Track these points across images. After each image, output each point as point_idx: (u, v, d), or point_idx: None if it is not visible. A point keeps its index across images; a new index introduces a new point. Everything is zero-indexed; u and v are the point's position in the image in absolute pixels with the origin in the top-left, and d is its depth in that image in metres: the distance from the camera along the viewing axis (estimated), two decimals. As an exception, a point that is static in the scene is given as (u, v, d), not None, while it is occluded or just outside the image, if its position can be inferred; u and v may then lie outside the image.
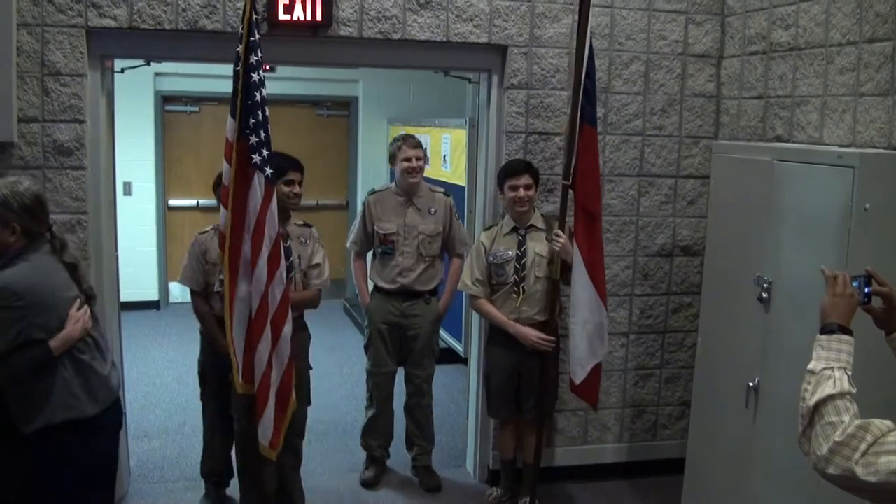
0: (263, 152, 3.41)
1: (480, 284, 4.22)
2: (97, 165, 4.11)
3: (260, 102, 3.40)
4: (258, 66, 3.41)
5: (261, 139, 3.40)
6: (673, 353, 4.92)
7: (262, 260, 3.42)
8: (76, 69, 3.96)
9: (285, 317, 3.51)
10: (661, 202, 4.75)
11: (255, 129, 3.39)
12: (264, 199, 3.41)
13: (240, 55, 3.40)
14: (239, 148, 3.40)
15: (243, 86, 3.40)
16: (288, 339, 3.54)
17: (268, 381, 3.50)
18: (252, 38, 3.39)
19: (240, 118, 3.40)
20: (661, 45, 4.60)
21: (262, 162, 3.40)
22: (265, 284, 3.43)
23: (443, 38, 4.32)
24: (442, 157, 7.11)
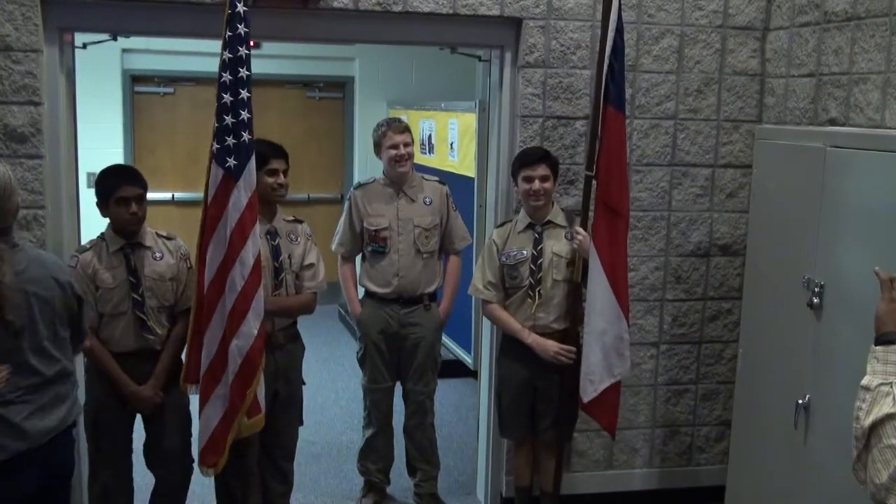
0: (227, 140, 3.42)
1: (493, 288, 4.19)
2: (56, 154, 4.07)
3: (228, 84, 3.42)
4: (237, 41, 3.42)
5: (223, 125, 3.42)
6: (710, 366, 4.88)
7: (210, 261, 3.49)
8: (30, 44, 3.91)
9: (234, 330, 3.53)
10: (696, 195, 4.72)
11: (219, 113, 3.42)
12: (217, 194, 3.45)
13: None
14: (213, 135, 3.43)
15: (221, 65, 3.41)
16: (236, 354, 3.55)
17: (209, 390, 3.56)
18: (229, 11, 3.40)
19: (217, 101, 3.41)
20: (697, 16, 4.56)
21: (220, 151, 3.42)
22: (207, 289, 3.50)
23: (449, 10, 4.29)
24: (448, 145, 7.08)
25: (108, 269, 3.69)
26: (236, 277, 3.50)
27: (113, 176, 3.76)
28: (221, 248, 3.47)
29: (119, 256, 3.72)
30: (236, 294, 3.51)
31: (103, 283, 3.68)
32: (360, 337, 4.70)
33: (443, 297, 4.73)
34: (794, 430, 3.69)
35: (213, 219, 3.45)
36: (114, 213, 3.69)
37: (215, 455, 3.60)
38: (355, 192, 4.65)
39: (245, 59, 3.45)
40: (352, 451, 5.10)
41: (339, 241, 4.67)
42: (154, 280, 3.76)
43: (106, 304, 3.69)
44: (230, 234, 3.46)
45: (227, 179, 3.42)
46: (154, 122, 8.68)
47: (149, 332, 3.73)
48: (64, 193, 4.15)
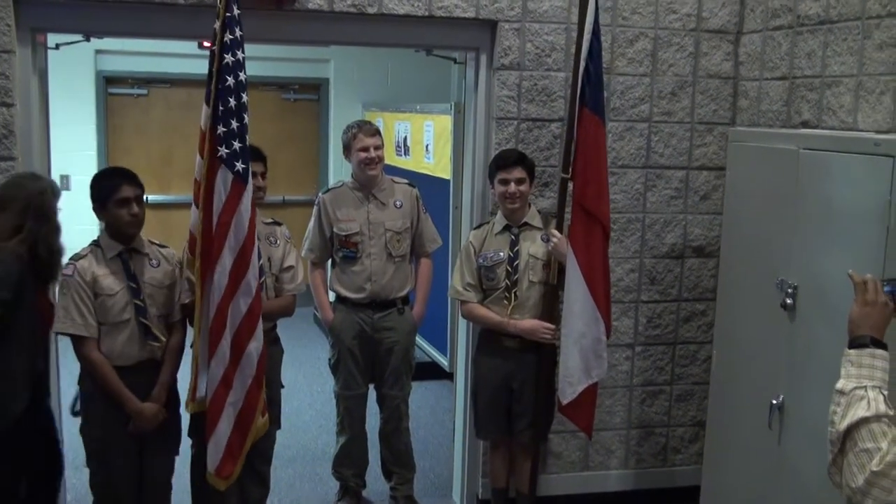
0: (234, 145, 3.38)
1: (472, 289, 4.18)
2: (29, 156, 4.02)
3: (233, 88, 3.38)
4: (234, 45, 3.38)
5: (230, 130, 3.38)
6: (685, 367, 4.89)
7: (222, 267, 3.41)
8: (2, 44, 3.87)
9: (252, 332, 3.50)
10: (670, 197, 4.73)
11: (225, 117, 3.37)
12: (230, 199, 3.39)
13: (216, 32, 3.37)
14: (211, 138, 3.38)
15: (218, 68, 3.37)
16: (255, 356, 3.52)
17: (221, 401, 3.48)
18: (228, 14, 3.36)
19: (213, 105, 3.37)
20: (670, 19, 4.57)
21: (228, 156, 3.38)
22: (223, 295, 3.42)
23: (425, 13, 4.27)
24: (424, 147, 7.07)
25: (108, 275, 3.57)
26: (251, 280, 3.47)
27: (111, 177, 3.65)
28: (233, 253, 3.42)
29: (117, 262, 3.61)
30: (251, 297, 3.48)
31: (104, 290, 3.55)
32: (332, 343, 4.66)
33: (416, 301, 4.70)
34: (768, 431, 3.70)
35: (225, 225, 3.39)
36: (114, 215, 3.56)
37: (232, 464, 3.55)
38: (324, 197, 4.60)
39: (243, 62, 3.43)
40: (327, 454, 5.07)
41: (308, 246, 4.62)
42: (154, 287, 3.68)
43: (106, 312, 3.56)
44: (244, 239, 3.43)
45: (236, 184, 3.39)
46: (128, 124, 8.60)
47: (154, 339, 3.62)
48: (36, 196, 4.09)
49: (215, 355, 3.45)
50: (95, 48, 7.75)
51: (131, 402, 3.59)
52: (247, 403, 3.54)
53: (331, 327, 4.62)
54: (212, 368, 3.46)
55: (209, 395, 3.48)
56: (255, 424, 3.60)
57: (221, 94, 3.37)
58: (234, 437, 3.54)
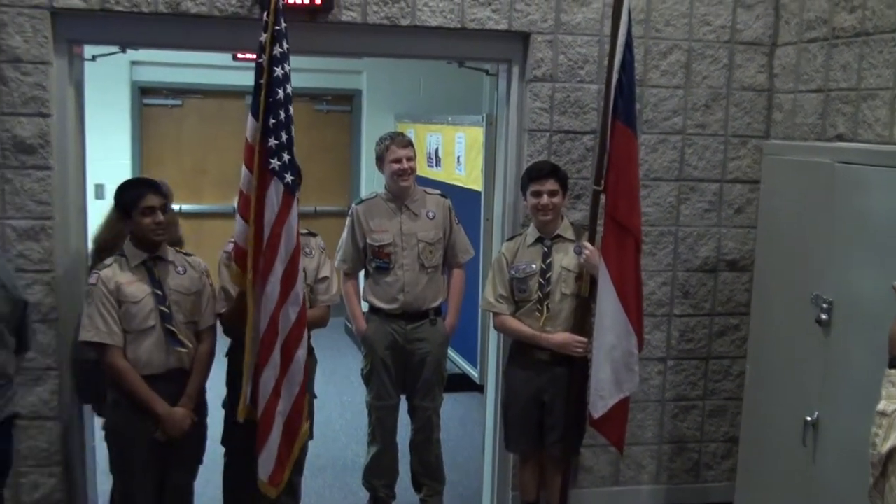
0: (284, 157, 3.43)
1: (505, 301, 4.18)
2: (65, 165, 4.09)
3: (283, 101, 3.42)
4: (283, 58, 3.42)
5: (281, 142, 3.43)
6: (718, 382, 4.86)
7: (275, 277, 3.45)
8: (39, 56, 3.94)
9: (299, 340, 3.54)
10: (703, 210, 4.71)
11: (276, 130, 3.42)
12: (281, 210, 3.43)
13: (264, 45, 3.40)
14: (261, 151, 3.42)
15: (267, 81, 3.40)
16: (301, 364, 3.57)
17: (273, 409, 3.52)
18: (277, 27, 3.40)
19: (262, 118, 3.40)
20: (704, 31, 4.56)
21: (280, 168, 3.42)
22: (276, 305, 3.46)
23: (457, 24, 4.29)
24: (455, 159, 7.07)
25: (132, 283, 3.61)
26: (298, 290, 3.52)
27: (136, 186, 3.70)
28: (283, 263, 3.46)
29: (141, 270, 3.65)
30: (299, 306, 3.52)
31: (127, 298, 3.59)
32: (365, 354, 4.67)
33: (448, 312, 4.70)
34: (802, 448, 3.66)
35: (277, 236, 3.44)
36: (138, 224, 3.61)
37: (282, 472, 3.58)
38: (357, 208, 4.62)
39: (289, 76, 3.48)
40: (357, 464, 5.07)
41: (341, 257, 4.64)
42: (180, 294, 3.71)
43: (131, 320, 3.60)
44: (293, 250, 3.47)
45: (286, 196, 3.44)
46: (162, 134, 8.67)
47: (180, 345, 3.65)
48: (72, 204, 4.16)
49: (268, 365, 3.48)
50: (131, 59, 7.82)
51: (160, 406, 3.61)
52: (293, 411, 3.58)
53: (363, 338, 4.62)
54: (264, 378, 3.49)
55: (262, 404, 3.51)
56: (301, 431, 3.64)
57: (273, 107, 3.41)
58: (282, 444, 3.57)
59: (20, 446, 4.03)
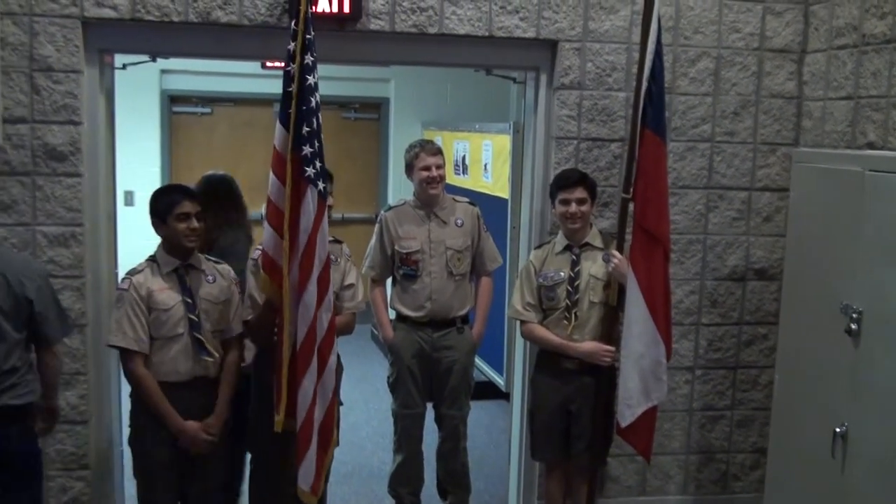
0: (317, 164, 3.45)
1: (532, 309, 4.18)
2: (95, 172, 4.14)
3: (314, 109, 3.45)
4: (313, 67, 3.44)
5: (315, 150, 3.45)
6: (746, 391, 4.83)
7: (313, 285, 3.46)
8: (71, 64, 3.99)
9: (332, 346, 3.56)
10: (732, 218, 4.69)
11: (310, 138, 3.43)
12: (317, 217, 3.45)
13: (293, 54, 3.42)
14: (294, 159, 3.44)
15: (298, 90, 3.42)
16: (333, 370, 3.58)
17: (311, 418, 3.52)
18: (307, 36, 3.41)
19: (294, 127, 3.42)
20: (733, 38, 4.54)
21: (315, 175, 3.44)
22: (314, 311, 3.47)
23: (485, 33, 4.31)
24: (482, 166, 7.07)
25: (163, 290, 3.64)
26: (331, 296, 3.56)
27: (172, 192, 3.73)
28: (318, 270, 3.48)
29: (173, 278, 3.68)
30: (331, 312, 3.55)
31: (158, 305, 3.62)
32: (392, 361, 4.67)
33: (475, 320, 4.69)
34: (831, 460, 3.63)
35: (314, 243, 3.46)
36: (173, 230, 3.63)
37: (319, 479, 3.57)
38: (386, 215, 4.63)
39: (318, 84, 3.50)
40: (383, 471, 5.08)
41: (369, 264, 4.65)
42: (209, 303, 3.73)
43: (160, 327, 3.62)
44: (325, 256, 3.50)
45: (320, 202, 3.46)
46: (191, 142, 8.75)
47: (207, 354, 3.66)
48: (102, 211, 4.21)
49: (308, 372, 3.48)
50: (161, 68, 7.89)
51: (173, 419, 3.63)
52: (327, 417, 3.59)
53: (390, 345, 4.63)
54: (303, 387, 3.47)
55: (301, 413, 3.49)
56: (333, 438, 3.65)
57: (306, 116, 3.42)
58: (320, 454, 3.58)
59: (48, 450, 4.08)
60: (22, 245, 4.02)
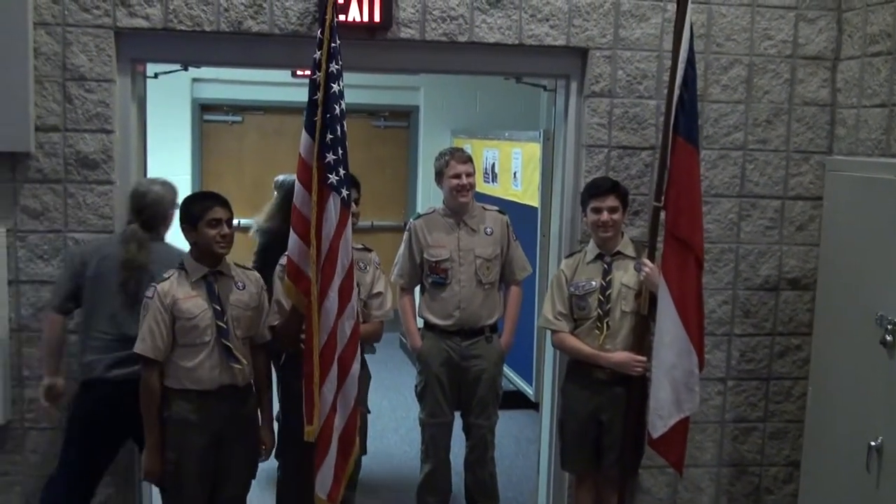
0: (340, 171, 3.48)
1: (563, 318, 4.16)
2: (126, 180, 4.17)
3: (339, 116, 3.48)
4: (339, 75, 3.48)
5: (338, 157, 3.48)
6: (779, 403, 4.78)
7: (334, 292, 3.49)
8: (103, 74, 4.04)
9: (354, 354, 3.58)
10: (765, 227, 4.66)
11: (333, 145, 3.47)
12: (339, 224, 3.48)
13: (318, 62, 3.45)
14: (319, 166, 3.47)
15: (323, 98, 3.45)
16: (356, 378, 3.59)
17: (331, 425, 3.54)
18: (333, 45, 3.45)
19: (319, 134, 3.46)
20: (766, 45, 4.52)
21: (338, 182, 3.47)
22: (335, 318, 3.50)
23: (515, 41, 4.31)
24: (512, 175, 7.07)
25: (189, 298, 3.64)
26: (354, 303, 3.58)
27: (203, 199, 3.76)
28: (340, 277, 3.51)
29: (201, 285, 3.69)
30: (354, 320, 3.57)
31: (183, 314, 3.62)
32: (419, 370, 4.68)
33: (504, 329, 4.69)
34: (866, 474, 3.58)
35: (336, 250, 3.49)
36: (203, 236, 3.64)
37: (338, 487, 3.60)
38: (415, 223, 4.64)
39: (343, 93, 3.53)
40: (411, 480, 5.06)
41: (398, 272, 4.67)
42: (239, 309, 3.74)
43: (186, 334, 3.64)
44: (348, 263, 3.53)
45: (343, 210, 3.49)
46: (222, 150, 8.82)
47: (235, 360, 3.67)
48: (133, 219, 4.23)
49: (328, 380, 3.51)
50: (192, 77, 7.96)
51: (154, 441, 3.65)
52: (348, 425, 3.60)
53: (418, 354, 4.64)
54: (324, 393, 3.51)
55: (321, 420, 3.52)
56: (355, 446, 3.66)
57: (330, 123, 3.45)
58: (338, 459, 3.59)
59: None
60: (53, 252, 4.07)
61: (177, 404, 3.66)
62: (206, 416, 3.66)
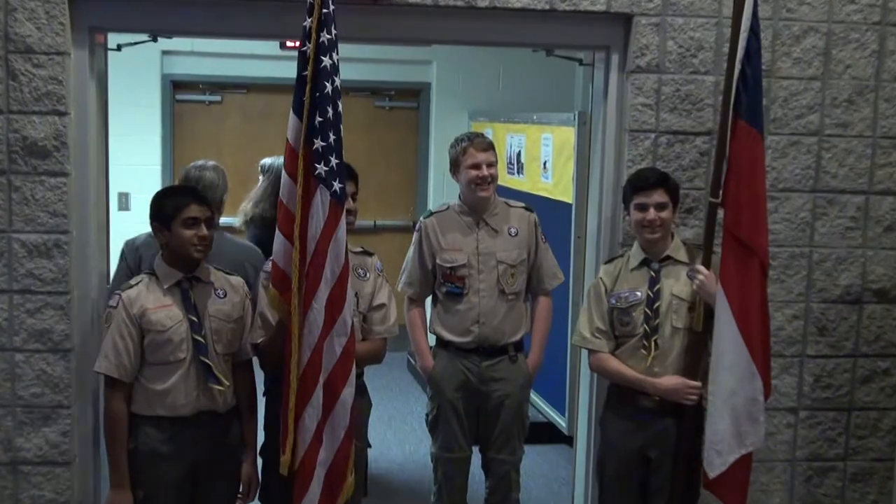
0: (332, 161, 3.47)
1: (603, 336, 4.14)
2: (84, 171, 4.16)
3: (331, 95, 3.47)
4: (331, 46, 3.47)
5: (328, 144, 3.48)
6: (863, 438, 4.77)
7: (319, 303, 3.49)
8: (55, 45, 4.02)
9: (346, 377, 3.56)
10: (845, 228, 4.64)
11: (323, 129, 3.47)
12: (327, 223, 3.47)
13: (308, 32, 3.45)
14: (306, 154, 3.48)
15: (312, 73, 3.45)
16: (348, 404, 3.58)
17: (313, 458, 3.55)
18: (325, 10, 3.45)
19: (307, 116, 3.46)
20: (848, 10, 4.50)
21: (327, 174, 3.47)
22: (319, 334, 3.50)
23: (546, 6, 4.30)
24: (541, 164, 7.07)
25: (160, 308, 3.64)
26: (346, 317, 3.55)
27: (178, 195, 3.77)
28: (328, 286, 3.50)
29: (175, 293, 3.69)
30: (346, 337, 3.56)
31: (153, 326, 3.61)
32: (431, 395, 4.66)
33: (531, 347, 4.66)
34: (969, 523, 3.54)
35: (322, 254, 3.48)
36: (178, 237, 3.63)
37: None
38: (426, 222, 4.62)
39: (338, 66, 3.52)
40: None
41: (406, 279, 4.65)
42: (220, 321, 3.74)
43: (157, 350, 3.63)
44: (340, 270, 3.51)
45: (334, 206, 3.49)
46: (198, 135, 8.85)
47: (216, 380, 3.68)
48: (92, 216, 4.24)
49: (309, 405, 3.51)
50: (162, 49, 8.03)
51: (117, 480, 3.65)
52: (338, 459, 3.59)
53: (430, 376, 4.62)
54: (305, 421, 3.51)
55: (301, 451, 3.54)
56: (346, 484, 3.64)
57: (320, 103, 3.46)
58: (323, 498, 3.58)
59: (21, 496, 4.12)
60: (-6, 256, 4.07)
61: (146, 434, 3.65)
62: (181, 446, 3.65)
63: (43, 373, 4.08)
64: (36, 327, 4.09)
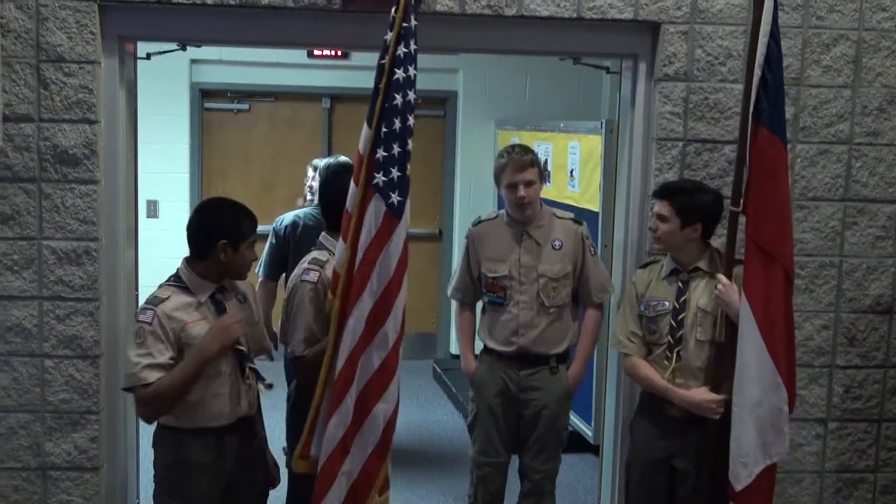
0: (392, 173, 3.49)
1: (637, 340, 4.14)
2: (113, 179, 4.21)
3: (401, 108, 3.50)
4: (408, 60, 3.50)
5: (391, 155, 3.50)
6: (893, 450, 4.75)
7: (360, 312, 3.50)
8: (85, 54, 4.06)
9: (382, 392, 3.55)
10: (875, 237, 4.62)
11: (387, 140, 3.49)
12: (379, 233, 3.49)
13: (388, 45, 3.49)
14: (368, 163, 3.50)
15: (385, 85, 3.49)
16: (380, 421, 3.57)
17: (335, 467, 3.54)
18: (405, 24, 3.48)
19: (375, 126, 3.50)
20: (879, 18, 4.49)
21: (385, 184, 3.49)
22: (356, 345, 3.50)
23: (573, 14, 4.30)
24: (568, 173, 7.04)
25: (197, 322, 3.53)
26: (389, 332, 3.54)
27: (251, 217, 3.68)
28: (374, 297, 3.50)
29: (208, 305, 3.61)
30: (387, 352, 3.55)
31: (193, 340, 3.48)
32: (471, 398, 4.68)
33: (574, 359, 4.62)
34: None
35: (370, 263, 3.49)
36: (243, 258, 3.60)
37: None
38: (473, 231, 4.65)
39: (414, 80, 3.55)
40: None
41: (454, 285, 4.69)
42: (247, 325, 3.72)
43: None
44: (389, 282, 3.51)
45: (389, 218, 3.50)
46: (226, 143, 8.87)
47: (265, 384, 3.78)
48: (121, 224, 4.28)
49: (337, 413, 3.51)
50: (191, 58, 8.03)
51: None
52: (363, 475, 3.57)
53: (471, 379, 4.64)
54: (330, 428, 3.52)
55: (323, 457, 3.55)
56: (370, 500, 3.62)
57: (387, 115, 3.49)
58: None
59: (49, 501, 4.15)
60: (25, 263, 4.09)
61: (190, 446, 3.58)
62: (223, 456, 3.63)
63: (72, 378, 4.13)
64: (65, 333, 4.14)
